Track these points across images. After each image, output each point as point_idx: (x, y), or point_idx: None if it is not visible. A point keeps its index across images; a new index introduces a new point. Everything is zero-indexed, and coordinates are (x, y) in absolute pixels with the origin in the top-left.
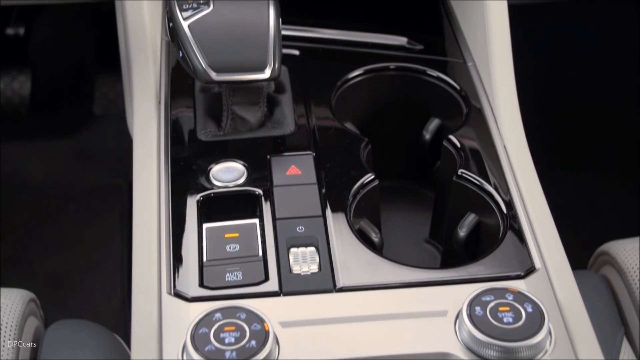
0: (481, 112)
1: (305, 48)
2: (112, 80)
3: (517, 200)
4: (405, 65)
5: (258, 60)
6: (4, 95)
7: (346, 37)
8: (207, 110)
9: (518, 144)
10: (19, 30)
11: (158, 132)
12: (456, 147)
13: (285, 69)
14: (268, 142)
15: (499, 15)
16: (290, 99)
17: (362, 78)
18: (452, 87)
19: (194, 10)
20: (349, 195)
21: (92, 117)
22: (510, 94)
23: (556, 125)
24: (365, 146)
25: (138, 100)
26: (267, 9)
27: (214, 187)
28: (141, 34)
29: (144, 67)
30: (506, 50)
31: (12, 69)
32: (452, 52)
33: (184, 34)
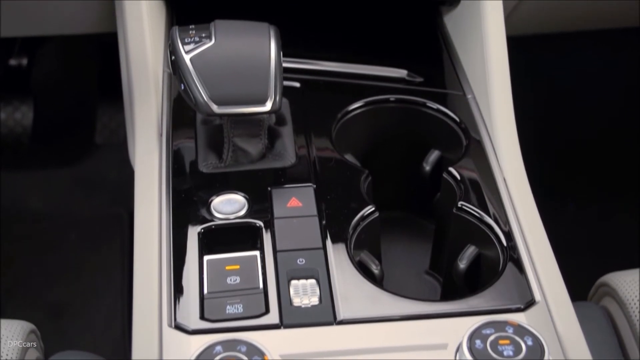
0: (481, 144)
1: (306, 80)
2: (114, 110)
3: (517, 232)
4: (405, 97)
5: (259, 93)
6: (6, 125)
7: (346, 69)
8: (208, 142)
9: (517, 176)
10: (22, 61)
11: (159, 164)
12: (456, 179)
13: (286, 101)
14: (269, 174)
15: (498, 48)
16: (291, 131)
17: (362, 110)
18: (452, 120)
19: (196, 44)
20: (349, 228)
21: (93, 147)
22: (510, 126)
23: (556, 156)
24: (365, 178)
25: (140, 131)
26: (269, 42)
27: (215, 219)
28: (143, 66)
29: (146, 99)
30: (505, 82)
31: (14, 99)
32: (451, 84)
33: (186, 67)
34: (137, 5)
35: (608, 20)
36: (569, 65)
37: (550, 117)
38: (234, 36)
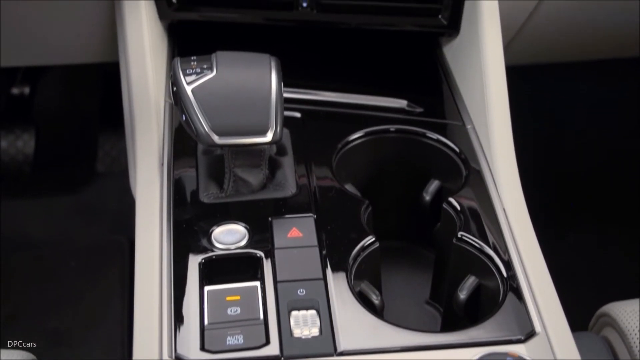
0: (480, 174)
1: (307, 110)
2: (115, 138)
3: (517, 263)
4: (406, 127)
5: (260, 124)
6: (8, 153)
7: (347, 99)
8: (209, 172)
9: (517, 206)
10: (24, 90)
11: (160, 194)
12: (456, 210)
13: (287, 131)
14: (269, 204)
15: (497, 78)
16: (292, 161)
17: (362, 140)
18: (452, 150)
19: (198, 75)
20: (350, 258)
21: (94, 175)
22: (509, 156)
23: (555, 185)
24: (365, 208)
25: (141, 161)
26: (270, 74)
27: (215, 249)
28: (145, 96)
29: (147, 129)
30: (504, 113)
31: (16, 128)
32: (451, 114)
33: (187, 99)
34: (139, 36)
35: (607, 51)
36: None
37: (550, 146)
38: (235, 67)
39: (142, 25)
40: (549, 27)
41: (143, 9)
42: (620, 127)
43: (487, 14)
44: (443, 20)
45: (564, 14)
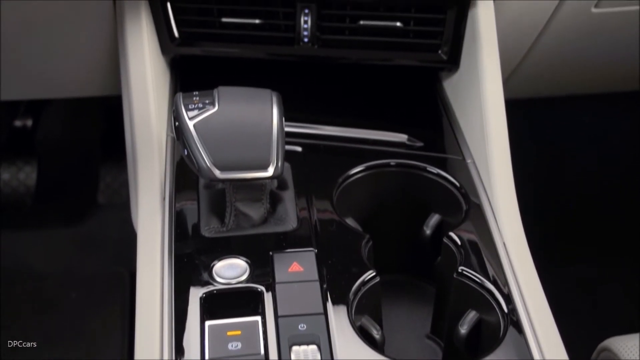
0: (481, 208)
1: (308, 144)
2: (117, 170)
3: (517, 298)
4: (406, 162)
5: (261, 158)
6: (10, 185)
7: (347, 133)
8: (210, 206)
9: (517, 240)
10: (27, 122)
11: (162, 228)
12: (456, 244)
13: (288, 165)
14: (270, 239)
15: (497, 113)
16: (293, 195)
17: (363, 174)
18: (452, 184)
19: (200, 110)
20: (350, 293)
21: (95, 207)
22: (509, 190)
23: (555, 218)
24: (366, 243)
25: (143, 195)
26: (271, 109)
27: (216, 283)
28: (147, 130)
29: (150, 163)
30: (504, 147)
31: (18, 160)
32: (451, 149)
33: (190, 134)
34: (142, 70)
35: (607, 85)
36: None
37: (550, 178)
38: (237, 102)
39: (145, 59)
40: (547, 62)
41: (146, 44)
42: (620, 160)
43: (486, 49)
44: (443, 56)
45: (563, 49)
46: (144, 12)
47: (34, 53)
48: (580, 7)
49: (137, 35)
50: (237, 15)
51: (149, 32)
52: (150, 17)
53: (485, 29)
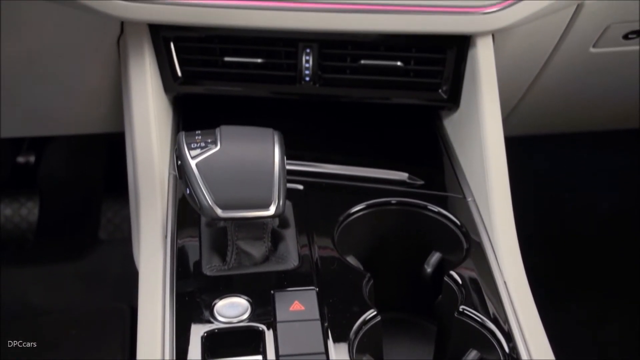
0: (481, 247)
1: (309, 182)
2: (119, 205)
3: (518, 337)
4: (407, 200)
5: (263, 197)
6: (12, 221)
7: (348, 171)
8: (212, 244)
9: (518, 279)
10: (30, 159)
11: (164, 266)
12: (457, 283)
13: (290, 203)
14: (272, 277)
15: (496, 151)
16: (294, 234)
17: (364, 212)
18: (453, 223)
19: (202, 149)
20: (351, 332)
21: (97, 242)
22: (509, 229)
23: (557, 255)
24: (367, 282)
25: (145, 233)
26: (273, 148)
27: (218, 322)
28: (150, 168)
29: (151, 200)
30: (504, 185)
31: (21, 196)
32: (451, 187)
33: (192, 173)
34: (145, 108)
35: (607, 123)
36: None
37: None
38: (239, 141)
39: (148, 98)
40: (547, 100)
41: (149, 82)
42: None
43: (485, 88)
44: (443, 95)
45: (562, 88)
46: (147, 51)
47: (37, 90)
48: (578, 47)
49: (140, 74)
50: (240, 54)
51: (152, 70)
52: (153, 55)
53: (484, 68)
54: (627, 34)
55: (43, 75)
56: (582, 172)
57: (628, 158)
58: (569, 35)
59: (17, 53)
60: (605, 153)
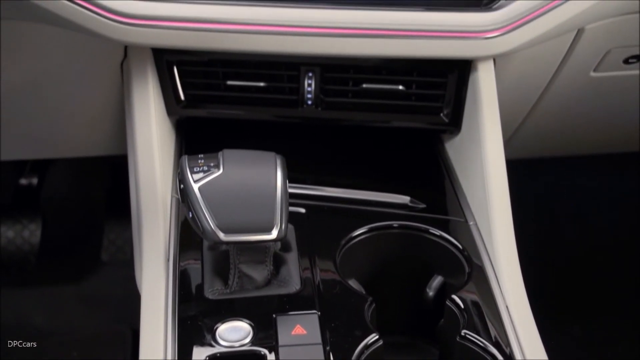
0: (483, 270)
1: (311, 206)
2: (121, 227)
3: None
4: (408, 223)
5: (265, 221)
6: (14, 243)
7: (350, 195)
8: (214, 268)
9: (519, 303)
10: (32, 181)
11: (166, 290)
12: (459, 307)
13: (292, 227)
14: (274, 301)
15: (498, 175)
16: (296, 257)
17: (366, 236)
18: (455, 246)
19: (205, 173)
20: (353, 356)
21: (99, 264)
22: (511, 253)
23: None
24: (369, 305)
25: (147, 256)
26: (275, 172)
27: (220, 346)
28: (152, 191)
29: (154, 224)
30: (505, 210)
31: (23, 218)
32: (453, 211)
33: (195, 197)
34: (148, 132)
35: (608, 146)
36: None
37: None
38: (241, 166)
39: (151, 121)
40: (548, 123)
41: (152, 106)
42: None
43: (487, 112)
44: (444, 118)
45: (564, 111)
46: (150, 75)
47: (40, 114)
48: (579, 71)
49: (143, 97)
50: (242, 78)
51: (155, 94)
52: (156, 79)
53: (486, 92)
54: (628, 59)
55: (46, 98)
56: (583, 195)
57: (629, 180)
58: (570, 59)
59: (20, 76)
60: (606, 175)
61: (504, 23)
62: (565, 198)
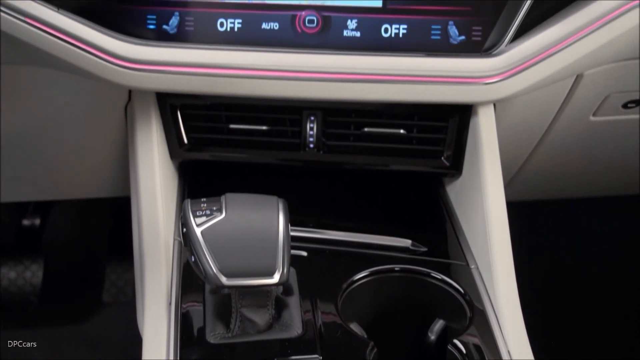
0: (485, 314)
1: (313, 249)
2: (122, 268)
3: None
4: (410, 267)
5: (267, 265)
6: (16, 284)
7: (352, 238)
8: (216, 311)
9: (521, 348)
10: (35, 221)
11: (168, 333)
12: (461, 352)
13: (293, 270)
14: (275, 345)
15: (498, 219)
16: (298, 301)
17: (367, 279)
18: (456, 290)
19: (207, 217)
20: None
21: (100, 305)
22: (513, 297)
23: (560, 323)
24: (371, 350)
25: (149, 299)
26: (277, 216)
27: None
28: (155, 234)
29: (156, 267)
30: (506, 253)
31: (25, 259)
32: (455, 254)
33: (197, 241)
34: (151, 175)
35: (608, 189)
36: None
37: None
38: (243, 209)
39: (154, 164)
40: (548, 167)
41: (155, 149)
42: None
43: (487, 156)
44: (445, 162)
45: (563, 155)
46: (154, 118)
47: (43, 156)
48: (578, 115)
49: (147, 141)
50: (245, 121)
51: (158, 137)
52: (160, 123)
53: (486, 136)
54: (627, 103)
55: (49, 141)
56: (583, 237)
57: (629, 223)
58: (569, 104)
59: (24, 120)
60: (607, 218)
61: (504, 69)
62: (566, 240)
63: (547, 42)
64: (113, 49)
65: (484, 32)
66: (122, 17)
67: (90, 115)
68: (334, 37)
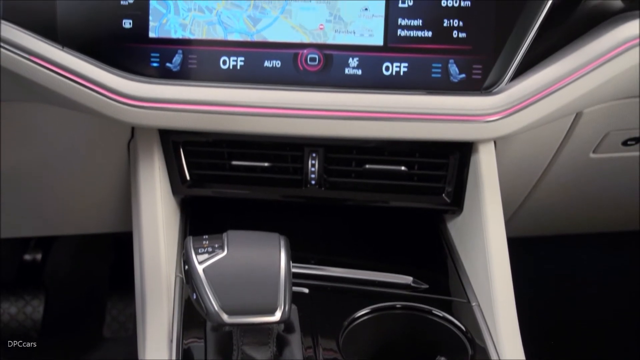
0: (486, 352)
1: (314, 286)
2: (123, 303)
3: None
4: (412, 304)
5: (269, 303)
6: (16, 319)
7: (353, 275)
8: (217, 349)
9: None
10: (36, 256)
11: None
12: None
13: (295, 307)
14: None
15: (499, 256)
16: (299, 338)
17: (369, 317)
18: (458, 328)
19: (209, 254)
20: None
21: (101, 340)
22: (514, 335)
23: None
24: None
25: (150, 336)
26: (279, 253)
27: None
28: (157, 271)
29: (158, 304)
30: (508, 291)
31: (26, 294)
32: (456, 291)
33: (199, 278)
34: (153, 211)
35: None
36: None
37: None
38: (245, 247)
39: (157, 201)
40: (549, 203)
41: (158, 186)
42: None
43: (488, 193)
44: (446, 198)
45: (564, 191)
46: (157, 155)
47: (45, 193)
48: (578, 152)
49: (149, 177)
50: (247, 158)
51: (161, 174)
52: (162, 159)
53: (487, 173)
54: (626, 141)
55: (51, 178)
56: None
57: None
58: (569, 141)
59: (26, 156)
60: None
61: (504, 107)
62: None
63: (547, 80)
64: (117, 87)
65: (484, 71)
66: (125, 55)
67: (93, 151)
68: (336, 75)
